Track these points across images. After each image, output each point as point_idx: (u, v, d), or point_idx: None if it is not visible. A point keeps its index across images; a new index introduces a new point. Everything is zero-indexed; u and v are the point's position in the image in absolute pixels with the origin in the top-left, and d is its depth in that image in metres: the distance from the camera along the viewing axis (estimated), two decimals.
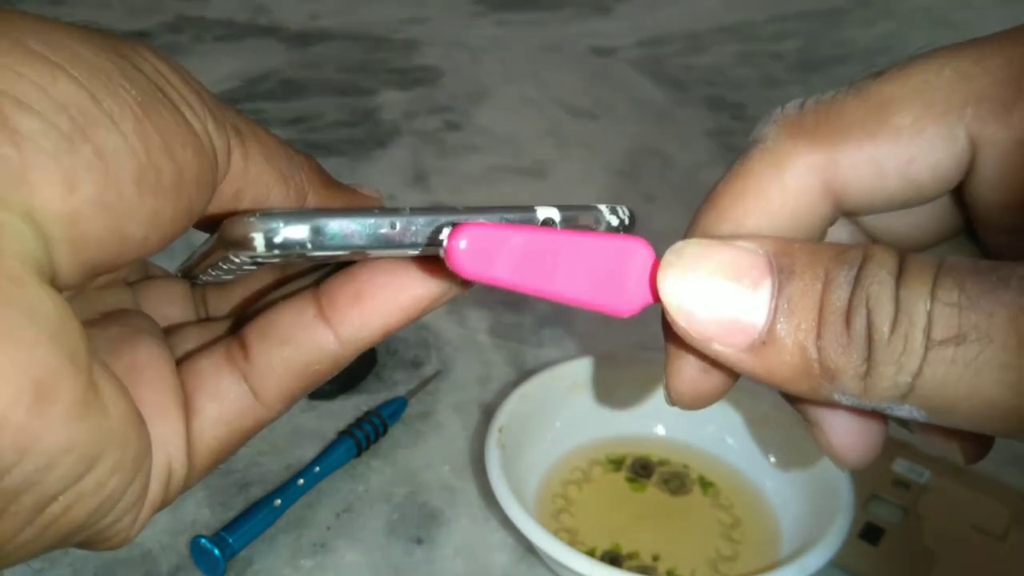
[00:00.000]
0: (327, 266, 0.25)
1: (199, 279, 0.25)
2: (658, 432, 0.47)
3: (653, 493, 0.44)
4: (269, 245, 0.19)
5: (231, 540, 0.40)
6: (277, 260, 0.20)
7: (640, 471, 0.45)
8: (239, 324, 0.24)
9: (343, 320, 0.23)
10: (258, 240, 0.19)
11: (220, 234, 0.20)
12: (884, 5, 1.18)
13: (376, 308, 0.22)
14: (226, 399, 0.23)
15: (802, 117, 0.22)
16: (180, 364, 0.23)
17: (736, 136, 0.82)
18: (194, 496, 0.44)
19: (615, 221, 0.23)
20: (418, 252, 0.20)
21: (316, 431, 0.48)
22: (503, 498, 0.38)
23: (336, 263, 0.24)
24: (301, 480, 0.44)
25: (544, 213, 0.21)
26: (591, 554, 0.39)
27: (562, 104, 0.89)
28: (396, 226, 0.20)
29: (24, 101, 0.17)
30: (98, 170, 0.17)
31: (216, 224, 0.20)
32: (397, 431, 0.48)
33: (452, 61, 0.99)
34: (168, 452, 0.21)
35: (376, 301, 0.22)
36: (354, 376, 0.51)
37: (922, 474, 0.44)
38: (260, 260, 0.20)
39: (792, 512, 0.41)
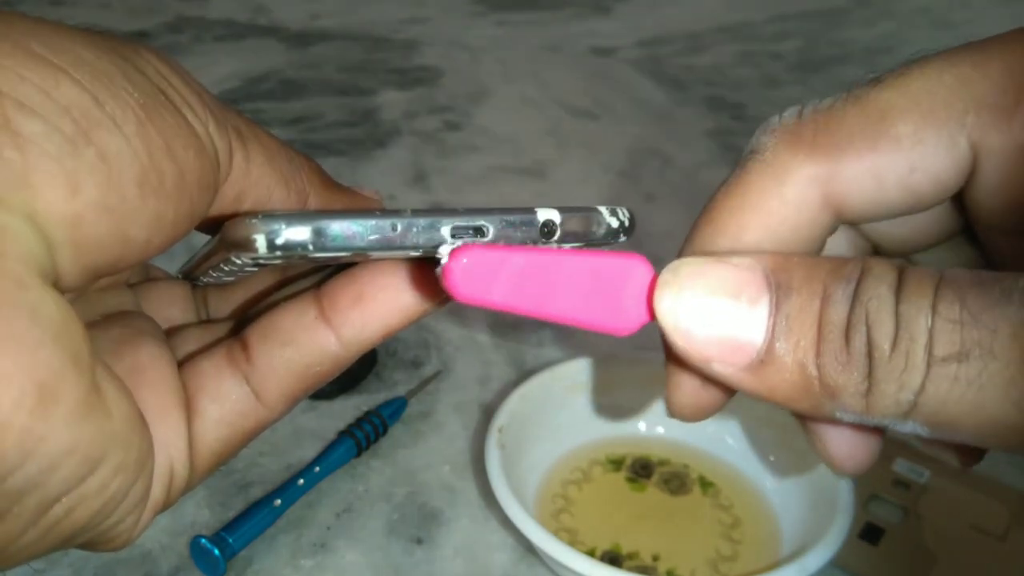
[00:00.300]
0: (328, 267, 0.25)
1: (200, 280, 0.25)
2: (658, 432, 0.47)
3: (653, 493, 0.44)
4: (271, 247, 0.19)
5: (231, 540, 0.40)
6: (279, 262, 0.20)
7: (640, 471, 0.45)
8: (240, 325, 0.24)
9: (344, 321, 0.23)
10: (260, 242, 0.19)
11: (222, 236, 0.20)
12: (884, 5, 1.18)
13: (377, 309, 0.23)
14: (228, 400, 0.23)
15: (801, 128, 0.21)
16: (182, 366, 0.23)
17: (736, 136, 0.82)
18: (194, 496, 0.44)
19: (615, 223, 0.22)
20: (419, 254, 0.20)
21: (316, 431, 0.48)
22: (503, 498, 0.38)
23: (337, 264, 0.24)
24: (301, 480, 0.44)
25: (544, 215, 0.21)
26: (591, 554, 0.39)
27: (562, 104, 0.89)
28: (397, 228, 0.20)
29: (27, 104, 0.17)
30: (101, 173, 0.17)
31: (217, 226, 0.20)
32: (397, 431, 0.48)
33: (452, 61, 0.99)
34: (170, 453, 0.21)
35: (377, 302, 0.23)
36: (354, 376, 0.51)
37: (922, 474, 0.44)
38: (262, 262, 0.20)
39: (792, 512, 0.42)
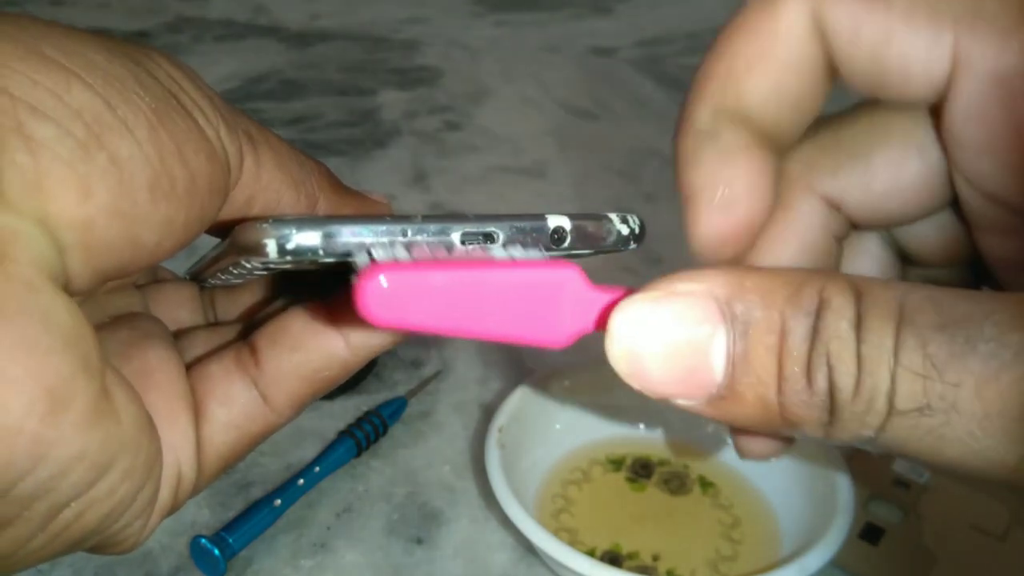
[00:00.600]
0: None
1: (208, 283, 0.25)
2: (658, 432, 0.47)
3: (653, 493, 0.44)
4: (281, 251, 0.19)
5: (231, 540, 0.40)
6: (288, 266, 0.20)
7: (640, 471, 0.45)
8: (248, 329, 0.25)
9: (353, 326, 0.23)
10: (270, 246, 0.19)
11: (232, 240, 0.20)
12: None
13: None
14: (236, 404, 0.23)
15: None
16: (190, 369, 0.23)
17: None
18: (194, 497, 0.44)
19: (625, 230, 0.23)
20: None
21: (316, 431, 0.48)
22: (503, 498, 0.38)
23: None
24: (301, 480, 0.44)
25: (555, 221, 0.21)
26: (591, 554, 0.40)
27: (562, 104, 0.89)
28: (407, 233, 0.20)
29: (39, 108, 0.17)
30: (112, 177, 0.17)
31: (227, 230, 0.20)
32: (397, 431, 0.48)
33: (452, 61, 0.99)
34: (178, 457, 0.21)
35: None
36: (354, 376, 0.51)
37: (922, 474, 0.44)
38: (272, 266, 0.20)
39: (792, 512, 0.42)
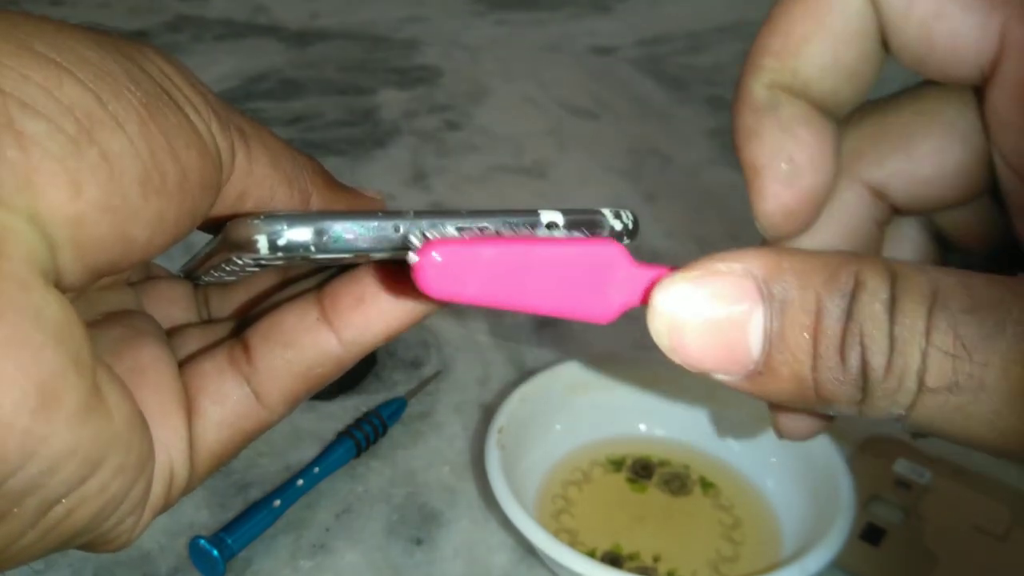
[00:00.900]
0: (330, 268, 0.25)
1: (201, 279, 0.25)
2: (658, 433, 0.47)
3: (654, 494, 0.44)
4: (273, 247, 0.19)
5: (230, 541, 0.40)
6: (280, 262, 0.20)
7: (641, 472, 0.45)
8: (242, 326, 0.24)
9: (346, 323, 0.23)
10: (262, 242, 0.19)
11: (224, 236, 0.20)
12: None
13: (379, 311, 0.22)
14: (228, 402, 0.23)
15: None
16: (183, 366, 0.23)
17: None
18: (193, 497, 0.44)
19: (618, 225, 0.22)
20: None
21: (315, 432, 0.48)
22: (503, 499, 0.38)
23: (339, 265, 0.24)
24: (300, 481, 0.43)
25: (547, 217, 0.21)
26: (591, 555, 0.39)
27: (562, 104, 0.89)
28: (400, 229, 0.20)
29: (30, 104, 0.17)
30: (103, 173, 0.17)
31: (220, 226, 0.20)
32: (397, 432, 0.48)
33: (452, 60, 0.99)
34: (170, 455, 0.21)
35: (379, 304, 0.22)
36: (353, 377, 0.51)
37: (923, 475, 0.44)
38: (263, 262, 0.20)
39: (793, 513, 0.41)
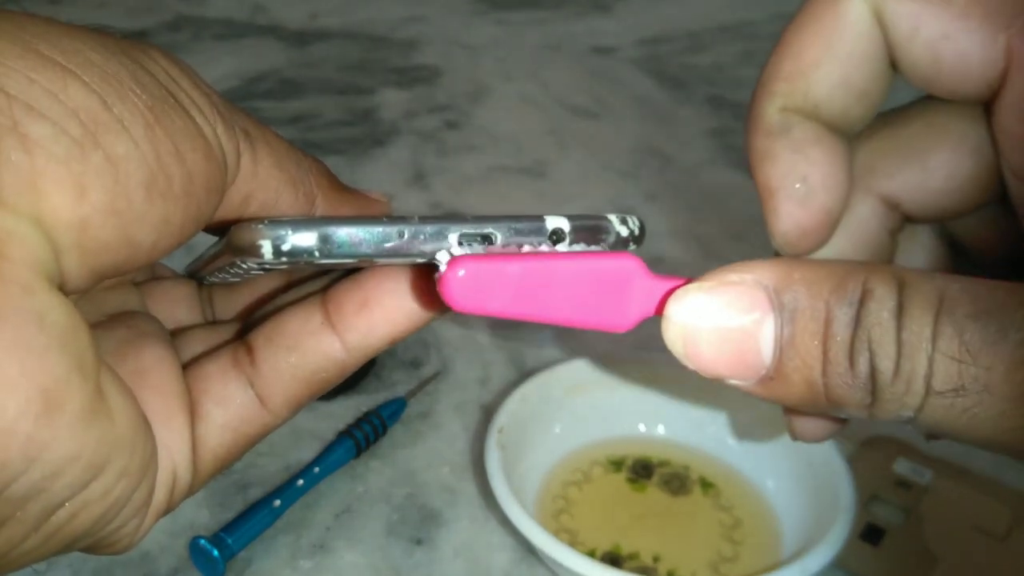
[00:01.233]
0: (335, 272, 0.25)
1: (206, 280, 0.25)
2: (658, 433, 0.47)
3: (654, 494, 0.44)
4: (277, 252, 0.19)
5: (230, 541, 0.40)
6: (285, 267, 0.20)
7: (640, 472, 0.45)
8: (246, 328, 0.24)
9: (350, 327, 0.23)
10: (266, 247, 0.19)
11: (228, 240, 0.20)
12: None
13: (383, 315, 0.22)
14: (232, 405, 0.23)
15: None
16: (186, 368, 0.23)
17: (737, 136, 0.82)
18: (193, 497, 0.43)
19: (625, 231, 0.22)
20: (425, 260, 0.20)
21: (315, 432, 0.48)
22: (503, 499, 0.38)
23: (344, 269, 0.24)
24: (300, 481, 0.43)
25: (553, 223, 0.21)
26: (591, 555, 0.39)
27: (562, 103, 0.89)
28: (404, 235, 0.20)
29: (35, 107, 0.16)
30: (108, 176, 0.17)
31: (225, 228, 0.20)
32: (397, 431, 0.48)
33: (451, 60, 0.98)
34: (173, 458, 0.21)
35: (383, 308, 0.22)
36: (353, 376, 0.51)
37: (923, 475, 0.44)
38: (268, 266, 0.20)
39: (793, 513, 0.42)
